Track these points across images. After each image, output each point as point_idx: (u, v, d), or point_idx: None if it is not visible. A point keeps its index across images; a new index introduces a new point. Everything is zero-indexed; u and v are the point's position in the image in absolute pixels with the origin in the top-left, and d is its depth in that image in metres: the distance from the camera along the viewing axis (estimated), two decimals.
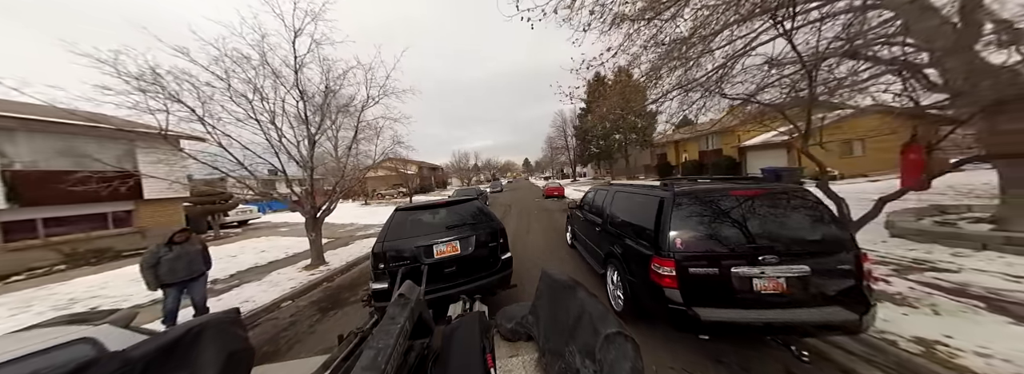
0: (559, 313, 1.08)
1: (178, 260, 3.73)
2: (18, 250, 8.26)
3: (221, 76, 5.47)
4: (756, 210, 2.69)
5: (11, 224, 8.27)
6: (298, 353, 3.49)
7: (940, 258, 4.06)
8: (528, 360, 1.16)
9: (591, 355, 0.83)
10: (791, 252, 2.45)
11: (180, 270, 3.73)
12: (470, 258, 3.56)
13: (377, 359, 0.83)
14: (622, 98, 6.94)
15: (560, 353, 0.97)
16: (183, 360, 0.94)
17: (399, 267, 3.12)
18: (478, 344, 1.10)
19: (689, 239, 2.64)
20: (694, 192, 2.86)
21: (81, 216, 9.57)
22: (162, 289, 3.71)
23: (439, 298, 2.98)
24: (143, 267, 3.62)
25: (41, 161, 8.83)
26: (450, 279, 3.44)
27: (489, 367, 1.01)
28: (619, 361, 0.77)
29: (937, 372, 2.23)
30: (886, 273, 3.84)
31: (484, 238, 3.70)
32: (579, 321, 0.94)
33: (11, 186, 8.10)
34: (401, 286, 1.41)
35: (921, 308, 3.04)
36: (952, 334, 2.59)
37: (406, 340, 1.05)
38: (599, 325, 0.86)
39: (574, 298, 1.04)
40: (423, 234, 3.61)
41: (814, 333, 2.49)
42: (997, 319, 2.74)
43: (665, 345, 2.85)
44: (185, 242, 3.87)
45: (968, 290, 3.27)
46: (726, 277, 2.48)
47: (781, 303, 2.41)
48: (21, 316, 5.16)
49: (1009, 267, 3.58)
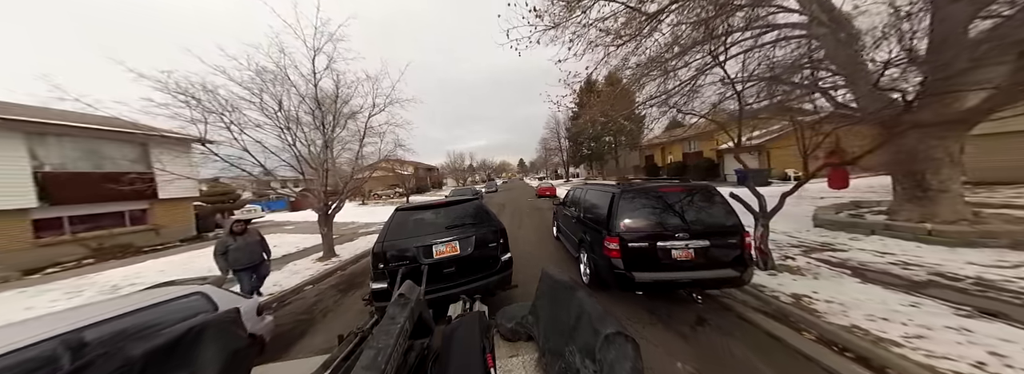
0: (559, 313, 1.09)
1: (241, 250, 4.48)
2: (48, 245, 8.93)
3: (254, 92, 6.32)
4: (676, 202, 3.71)
5: (41, 221, 8.95)
6: (326, 321, 4.33)
7: (839, 242, 5.15)
8: (528, 360, 1.16)
9: (591, 355, 0.84)
10: (697, 231, 3.46)
11: (243, 258, 4.49)
12: (469, 258, 3.53)
13: (377, 359, 0.84)
14: (608, 104, 7.91)
15: (560, 353, 0.98)
16: (184, 359, 0.93)
17: (399, 267, 3.09)
18: (478, 344, 1.10)
19: (629, 222, 3.64)
20: (635, 189, 3.87)
21: (102, 214, 10.26)
22: (235, 273, 4.47)
23: (439, 298, 2.99)
24: (215, 254, 4.41)
25: (68, 163, 9.52)
26: (449, 279, 3.43)
27: (489, 367, 1.01)
28: (619, 361, 0.77)
29: (794, 312, 3.25)
30: (796, 253, 4.90)
31: (484, 238, 3.68)
32: (579, 321, 0.95)
33: (42, 186, 8.78)
34: (401, 286, 1.43)
35: (807, 276, 4.07)
36: (818, 291, 3.62)
37: (406, 340, 1.06)
38: (599, 325, 0.86)
39: (574, 298, 1.05)
40: (423, 234, 3.59)
41: (712, 286, 3.51)
42: (852, 281, 3.79)
43: (614, 304, 3.83)
44: (244, 233, 4.63)
45: (846, 263, 4.33)
46: (653, 249, 3.48)
47: (690, 266, 3.42)
48: (76, 299, 5.94)
49: (882, 247, 4.67)
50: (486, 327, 1.29)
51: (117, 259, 9.04)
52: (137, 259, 9.00)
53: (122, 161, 10.73)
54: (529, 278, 4.22)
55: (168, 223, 11.87)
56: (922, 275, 3.74)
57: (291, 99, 7.05)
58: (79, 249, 9.29)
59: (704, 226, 3.50)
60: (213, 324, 1.04)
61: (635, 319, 3.48)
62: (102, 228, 10.15)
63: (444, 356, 1.08)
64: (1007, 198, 6.63)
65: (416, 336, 1.23)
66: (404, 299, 1.26)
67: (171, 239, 11.76)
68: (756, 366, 2.61)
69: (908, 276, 3.76)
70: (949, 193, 4.88)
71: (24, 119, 8.34)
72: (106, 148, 10.41)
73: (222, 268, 4.40)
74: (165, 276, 6.36)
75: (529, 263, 5.53)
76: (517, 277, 4.00)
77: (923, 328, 2.70)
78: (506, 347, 1.28)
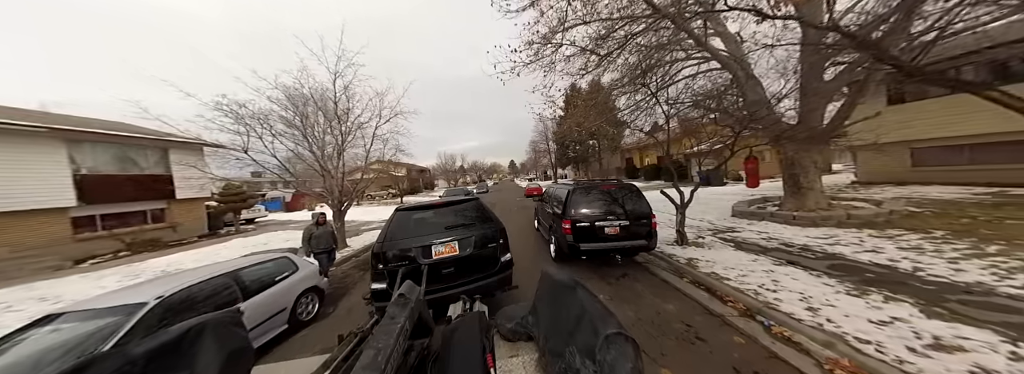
0: (559, 313, 1.10)
1: (320, 237, 5.78)
2: (84, 240, 9.99)
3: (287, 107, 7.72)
4: (610, 195, 5.38)
5: (78, 219, 10.00)
6: (356, 287, 5.75)
7: (739, 226, 6.95)
8: (528, 360, 1.18)
9: (591, 355, 0.84)
10: (622, 215, 5.13)
11: (322, 244, 5.78)
12: (469, 259, 3.53)
13: (377, 359, 0.86)
14: (582, 116, 9.55)
15: (560, 353, 0.98)
16: (184, 359, 0.94)
17: (398, 267, 3.07)
18: (478, 344, 1.10)
19: (578, 209, 5.28)
20: (582, 186, 5.53)
21: (127, 213, 11.33)
22: (315, 256, 5.67)
23: (439, 298, 2.97)
24: (303, 239, 5.75)
25: (100, 167, 10.58)
26: (449, 280, 3.42)
27: (489, 367, 1.02)
28: (619, 361, 0.78)
29: (684, 267, 4.92)
30: (708, 233, 6.65)
31: (484, 239, 3.68)
32: (579, 321, 0.96)
33: (80, 187, 9.85)
34: (401, 286, 1.45)
35: (705, 248, 5.79)
36: (705, 256, 5.31)
37: (406, 340, 1.08)
38: (599, 325, 0.87)
39: (574, 298, 1.06)
40: (422, 234, 3.59)
41: (631, 252, 5.21)
42: (730, 249, 5.52)
43: (568, 267, 5.46)
44: (324, 224, 5.93)
45: (735, 239, 6.08)
46: (593, 227, 5.12)
47: (617, 238, 5.09)
48: (136, 280, 7.18)
49: (763, 228, 6.48)
50: (486, 327, 1.30)
51: (148, 252, 10.17)
52: (167, 252, 10.16)
53: (145, 165, 11.84)
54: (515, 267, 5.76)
55: (184, 221, 12.94)
56: (773, 244, 5.52)
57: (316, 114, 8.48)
58: (111, 244, 10.36)
59: (627, 211, 5.19)
60: (213, 324, 1.04)
61: (581, 276, 5.11)
62: (128, 225, 11.21)
63: (444, 356, 1.09)
64: (864, 194, 8.65)
65: (416, 336, 1.24)
66: (404, 299, 1.26)
67: (187, 236, 12.83)
68: (643, 294, 4.27)
69: (765, 245, 5.52)
70: (813, 190, 6.75)
71: (67, 128, 9.43)
72: (131, 153, 11.50)
73: (305, 250, 5.68)
74: (200, 265, 7.65)
75: (511, 249, 7.13)
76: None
77: (749, 272, 4.41)
78: (506, 347, 1.29)
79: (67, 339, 2.59)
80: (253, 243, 11.17)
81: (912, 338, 2.59)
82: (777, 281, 3.98)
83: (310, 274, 4.68)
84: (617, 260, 5.42)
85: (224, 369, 0.97)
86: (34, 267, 8.18)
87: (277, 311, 3.91)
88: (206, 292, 3.31)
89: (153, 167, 12.09)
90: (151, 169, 12.02)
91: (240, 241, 11.64)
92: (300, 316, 4.26)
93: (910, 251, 4.49)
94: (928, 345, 2.49)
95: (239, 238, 12.40)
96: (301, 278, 4.47)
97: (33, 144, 8.94)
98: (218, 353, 0.99)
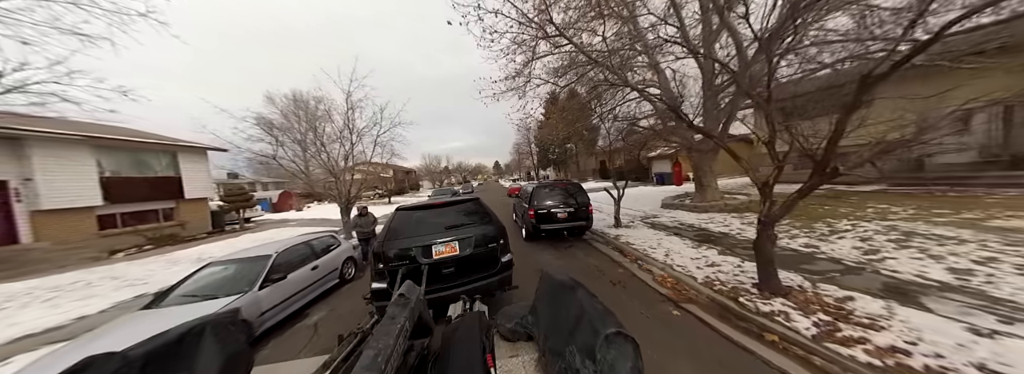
0: (559, 313, 1.11)
1: (362, 226, 7.35)
2: (108, 236, 11.12)
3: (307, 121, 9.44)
4: (563, 190, 7.61)
5: (102, 217, 11.13)
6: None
7: (661, 213, 9.38)
8: (528, 360, 1.19)
9: (591, 355, 0.85)
10: (569, 204, 7.36)
11: (364, 231, 7.35)
12: (469, 259, 3.56)
13: (377, 359, 0.86)
14: (556, 127, 11.70)
15: (560, 353, 0.99)
16: (184, 360, 0.94)
17: (399, 267, 3.08)
18: (478, 344, 1.11)
19: (539, 201, 7.45)
20: (543, 184, 7.73)
21: (143, 211, 12.47)
22: (359, 240, 7.24)
23: (439, 298, 2.97)
24: (350, 227, 7.49)
25: (121, 170, 11.71)
26: (449, 280, 3.44)
27: (489, 367, 1.03)
28: (619, 361, 0.79)
29: (612, 241, 7.16)
30: (638, 219, 9.00)
31: (484, 239, 3.70)
32: (579, 321, 0.97)
33: (105, 188, 11.00)
34: (401, 286, 1.47)
35: (631, 228, 8.09)
36: (629, 234, 7.58)
37: (406, 340, 1.08)
38: (599, 325, 0.88)
39: (574, 298, 1.07)
40: (423, 234, 3.60)
41: (576, 231, 7.47)
42: (647, 229, 7.85)
43: (538, 246, 7.59)
44: (366, 215, 7.50)
45: (654, 223, 8.45)
46: (550, 213, 7.31)
47: (564, 220, 7.32)
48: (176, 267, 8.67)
49: (676, 215, 8.93)
50: (486, 327, 1.32)
51: (170, 245, 11.43)
52: (188, 245, 11.46)
53: (158, 168, 12.99)
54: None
55: (191, 219, 14.08)
56: (674, 224, 7.91)
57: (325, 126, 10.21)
58: (131, 239, 11.52)
59: (572, 201, 7.40)
60: (213, 325, 1.05)
61: (543, 250, 7.28)
62: (144, 223, 12.35)
63: (444, 356, 1.12)
64: (747, 191, 11.44)
65: (416, 336, 1.27)
66: (404, 299, 1.28)
67: (195, 233, 13.99)
68: (578, 256, 6.47)
69: (669, 225, 7.90)
70: (711, 187, 9.29)
71: (97, 136, 10.60)
72: (146, 157, 12.64)
73: (348, 235, 7.44)
74: (223, 255, 9.21)
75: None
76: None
77: (648, 240, 6.69)
78: (506, 347, 1.31)
79: (229, 275, 4.41)
80: (263, 237, 12.61)
81: (703, 263, 4.88)
82: (660, 244, 6.28)
83: (348, 248, 6.56)
84: (565, 236, 7.61)
85: (224, 370, 0.98)
86: (78, 257, 9.39)
87: (333, 269, 5.79)
88: (297, 252, 5.18)
89: (165, 169, 13.23)
90: (163, 171, 13.16)
91: (250, 236, 13.03)
92: (345, 276, 6.14)
93: (744, 225, 6.95)
94: (706, 265, 4.80)
95: (248, 234, 13.74)
96: (343, 250, 6.36)
97: (69, 150, 10.10)
98: (218, 354, 1.00)
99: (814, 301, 3.32)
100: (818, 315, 3.06)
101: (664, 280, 4.53)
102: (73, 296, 6.33)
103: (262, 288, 4.13)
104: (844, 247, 4.92)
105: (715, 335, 3.16)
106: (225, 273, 4.46)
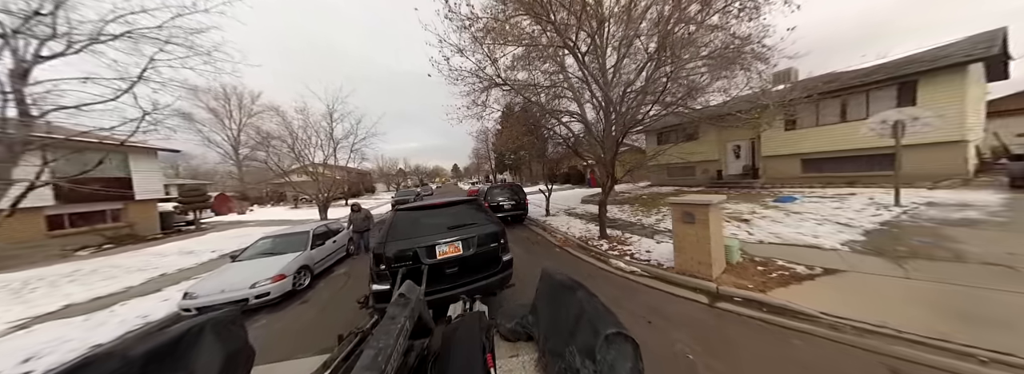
0: (559, 313, 1.11)
1: (357, 221, 8.72)
2: (57, 237, 11.07)
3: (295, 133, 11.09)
4: (509, 189, 10.77)
5: (51, 217, 11.05)
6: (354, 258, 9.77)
7: (579, 207, 13.04)
8: (528, 360, 1.19)
9: (591, 355, 0.85)
10: (510, 197, 10.52)
11: (359, 225, 8.75)
12: (472, 259, 3.63)
13: (377, 359, 0.86)
14: (511, 135, 14.70)
15: (560, 353, 0.99)
16: (183, 359, 0.94)
17: (400, 268, 3.10)
18: (478, 344, 1.12)
19: (491, 197, 10.49)
20: (494, 185, 10.81)
21: (91, 212, 12.38)
22: (356, 234, 8.68)
23: (440, 298, 3.01)
24: (348, 221, 9.14)
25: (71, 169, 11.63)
26: (451, 280, 3.51)
27: (489, 367, 1.03)
28: (619, 361, 0.79)
29: (541, 223, 10.38)
30: (562, 211, 12.46)
31: (486, 238, 3.79)
32: (579, 321, 0.97)
33: (57, 187, 10.99)
34: (401, 286, 1.48)
35: (556, 216, 11.43)
36: (553, 220, 10.86)
37: (406, 340, 1.08)
38: (599, 325, 0.88)
39: (574, 298, 1.07)
40: (424, 235, 3.63)
41: (518, 218, 10.68)
42: (566, 216, 11.25)
43: None
44: (360, 211, 8.99)
45: (571, 213, 11.96)
46: (499, 205, 10.36)
47: (507, 210, 10.49)
48: (164, 259, 9.65)
49: (587, 208, 12.63)
50: (486, 327, 1.33)
51: (131, 244, 11.71)
52: (153, 242, 11.85)
53: (107, 168, 12.92)
54: None
55: (139, 221, 14.00)
56: (582, 213, 11.50)
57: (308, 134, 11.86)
58: (82, 239, 11.53)
59: (513, 196, 10.53)
60: (213, 324, 1.05)
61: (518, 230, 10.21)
62: (92, 223, 12.26)
63: (444, 356, 1.12)
64: (640, 190, 16.05)
65: (416, 336, 1.27)
66: (404, 299, 1.29)
67: (144, 233, 13.94)
68: (518, 233, 9.56)
69: (580, 214, 11.41)
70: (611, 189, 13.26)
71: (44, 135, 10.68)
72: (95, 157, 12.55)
73: (346, 229, 9.15)
74: (191, 251, 10.35)
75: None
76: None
77: (563, 223, 10.04)
78: (506, 347, 1.31)
79: (282, 241, 6.48)
80: (232, 234, 13.39)
81: (581, 230, 8.30)
82: (568, 224, 9.67)
83: (349, 232, 8.70)
84: (509, 221, 10.68)
85: (224, 369, 0.98)
86: (43, 254, 9.61)
87: (342, 245, 7.96)
88: (322, 230, 7.33)
89: (115, 170, 13.15)
90: (113, 172, 13.08)
91: (216, 235, 13.63)
92: (349, 252, 8.31)
93: (622, 212, 10.78)
94: (583, 230, 8.22)
95: (213, 233, 14.19)
96: (347, 233, 8.51)
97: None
98: (218, 353, 1.00)
99: (618, 240, 6.86)
100: (615, 244, 6.53)
101: (561, 240, 7.85)
102: (97, 277, 7.41)
103: (312, 249, 6.34)
104: (652, 219, 8.80)
105: (572, 256, 6.54)
106: (278, 242, 6.51)
